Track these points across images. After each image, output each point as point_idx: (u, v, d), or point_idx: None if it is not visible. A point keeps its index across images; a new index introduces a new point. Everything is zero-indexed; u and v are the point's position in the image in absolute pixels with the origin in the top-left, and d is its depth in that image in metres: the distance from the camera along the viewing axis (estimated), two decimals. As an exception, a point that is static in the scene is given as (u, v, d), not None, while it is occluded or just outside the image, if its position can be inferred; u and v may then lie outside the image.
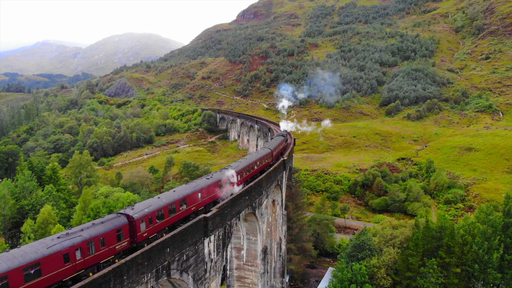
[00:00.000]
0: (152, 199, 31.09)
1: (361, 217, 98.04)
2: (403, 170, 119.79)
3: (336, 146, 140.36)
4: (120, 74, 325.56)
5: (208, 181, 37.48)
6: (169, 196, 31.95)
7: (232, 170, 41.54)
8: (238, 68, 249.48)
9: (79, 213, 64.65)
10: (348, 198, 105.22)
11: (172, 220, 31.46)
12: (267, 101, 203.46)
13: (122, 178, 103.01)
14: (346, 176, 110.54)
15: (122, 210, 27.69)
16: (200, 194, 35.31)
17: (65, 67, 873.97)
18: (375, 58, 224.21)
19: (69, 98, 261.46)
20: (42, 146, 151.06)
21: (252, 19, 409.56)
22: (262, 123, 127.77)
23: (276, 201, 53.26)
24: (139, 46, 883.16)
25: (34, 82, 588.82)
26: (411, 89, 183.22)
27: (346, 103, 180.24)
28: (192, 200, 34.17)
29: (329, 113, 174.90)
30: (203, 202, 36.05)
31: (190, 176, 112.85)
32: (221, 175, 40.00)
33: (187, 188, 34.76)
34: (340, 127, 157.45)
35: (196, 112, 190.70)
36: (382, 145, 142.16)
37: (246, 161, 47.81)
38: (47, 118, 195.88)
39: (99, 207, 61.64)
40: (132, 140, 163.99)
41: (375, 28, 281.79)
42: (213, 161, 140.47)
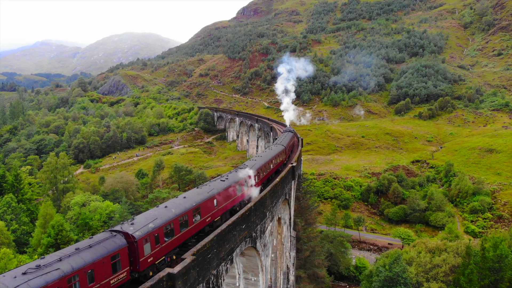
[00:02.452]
0: (158, 210, 23.83)
1: (376, 228, 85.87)
2: (419, 173, 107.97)
3: (344, 147, 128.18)
4: (114, 71, 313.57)
5: (224, 183, 30.65)
6: (179, 205, 24.82)
7: (249, 169, 35.31)
8: (238, 65, 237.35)
9: (38, 231, 52.51)
10: (360, 206, 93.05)
11: (183, 237, 24.51)
12: (268, 99, 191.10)
13: (104, 183, 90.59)
14: (357, 181, 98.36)
15: (118, 226, 20.44)
16: (216, 200, 28.62)
17: (64, 67, 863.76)
18: (381, 54, 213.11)
19: (60, 96, 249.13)
20: (24, 147, 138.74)
21: (252, 16, 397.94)
22: (263, 121, 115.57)
23: (283, 220, 41.24)
24: (139, 46, 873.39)
25: (32, 81, 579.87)
26: (422, 86, 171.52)
27: (353, 101, 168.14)
28: (207, 209, 27.41)
29: (334, 112, 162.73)
30: (220, 211, 29.39)
31: (182, 181, 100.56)
32: (238, 175, 33.49)
33: (200, 193, 27.74)
34: (347, 126, 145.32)
35: (193, 110, 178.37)
36: (393, 146, 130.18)
37: (262, 159, 40.80)
38: (32, 117, 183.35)
39: (61, 223, 49.40)
40: (122, 140, 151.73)
41: (380, 24, 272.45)
42: (209, 163, 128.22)
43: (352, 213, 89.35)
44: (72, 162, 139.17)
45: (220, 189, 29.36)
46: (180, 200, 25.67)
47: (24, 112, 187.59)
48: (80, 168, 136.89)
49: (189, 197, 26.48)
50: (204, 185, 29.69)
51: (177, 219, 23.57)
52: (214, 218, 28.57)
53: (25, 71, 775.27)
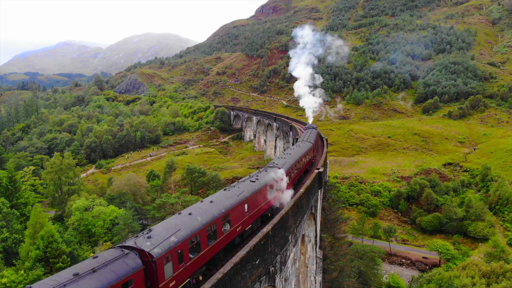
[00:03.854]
0: (180, 218, 19.34)
1: (408, 239, 77.29)
2: (452, 178, 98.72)
3: (369, 148, 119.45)
4: (132, 70, 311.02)
5: (255, 185, 26.38)
6: (205, 212, 20.61)
7: (280, 169, 30.88)
8: (256, 62, 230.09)
9: (27, 242, 46.38)
10: (389, 213, 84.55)
11: (211, 252, 20.21)
12: (287, 98, 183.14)
13: (111, 186, 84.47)
14: (385, 185, 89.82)
15: (130, 241, 16.04)
16: (246, 205, 24.47)
17: (85, 67, 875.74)
18: (406, 51, 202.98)
19: (76, 95, 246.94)
20: (35, 145, 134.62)
21: (271, 14, 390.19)
22: (282, 120, 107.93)
23: (307, 237, 33.81)
24: (158, 46, 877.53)
25: (54, 81, 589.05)
26: (451, 84, 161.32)
27: (377, 99, 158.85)
28: (237, 216, 23.23)
29: (357, 111, 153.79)
30: (251, 218, 25.18)
31: (195, 184, 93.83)
32: (270, 176, 28.98)
33: (229, 196, 23.50)
34: (372, 126, 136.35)
35: (209, 109, 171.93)
36: (423, 147, 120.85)
37: (291, 157, 36.05)
38: (46, 115, 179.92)
39: (51, 234, 43.09)
40: (136, 139, 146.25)
41: (404, 20, 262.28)
42: (224, 164, 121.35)
43: (381, 221, 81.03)
44: (84, 162, 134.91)
45: (251, 191, 25.03)
46: (207, 206, 21.31)
47: (38, 111, 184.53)
48: (91, 168, 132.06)
49: (216, 201, 22.13)
50: (232, 187, 25.26)
51: (204, 229, 19.23)
52: (245, 227, 24.20)
53: (47, 71, 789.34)
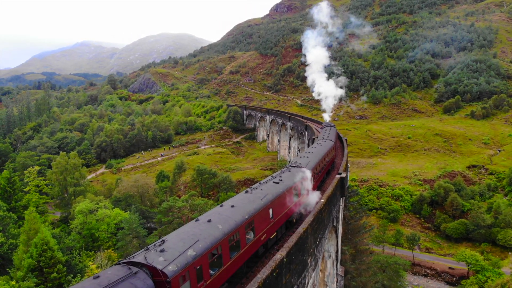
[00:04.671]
0: (198, 225, 16.38)
1: (432, 247, 71.94)
2: (477, 181, 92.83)
3: (388, 149, 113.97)
4: (145, 69, 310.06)
5: (279, 187, 23.47)
6: (226, 218, 17.48)
7: (306, 169, 27.93)
8: (270, 61, 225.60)
9: (21, 250, 42.98)
10: (411, 219, 79.27)
11: (234, 266, 17.05)
12: (302, 97, 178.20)
13: (118, 187, 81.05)
14: (406, 189, 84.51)
15: (139, 255, 13.05)
16: (271, 210, 21.58)
17: (102, 67, 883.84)
18: (426, 49, 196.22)
19: (89, 94, 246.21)
20: (45, 145, 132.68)
21: (286, 13, 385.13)
22: (297, 120, 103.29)
23: (327, 252, 29.36)
24: (173, 46, 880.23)
25: (70, 81, 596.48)
26: (473, 83, 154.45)
27: (396, 98, 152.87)
28: (261, 223, 20.26)
29: (375, 110, 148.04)
30: (276, 224, 22.32)
31: (205, 185, 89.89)
32: (295, 177, 25.91)
33: (252, 200, 20.53)
34: (391, 126, 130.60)
35: (221, 108, 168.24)
36: (445, 148, 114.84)
37: (315, 156, 33.11)
38: (58, 114, 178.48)
39: (46, 241, 39.53)
40: (147, 139, 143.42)
41: (423, 17, 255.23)
42: (236, 165, 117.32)
43: (402, 227, 75.88)
44: (94, 162, 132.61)
45: (275, 194, 22.10)
46: (228, 211, 18.34)
47: (50, 110, 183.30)
48: (101, 168, 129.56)
49: (238, 206, 19.19)
50: (255, 189, 22.35)
51: (226, 240, 16.49)
52: (270, 235, 21.28)
53: (64, 71, 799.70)
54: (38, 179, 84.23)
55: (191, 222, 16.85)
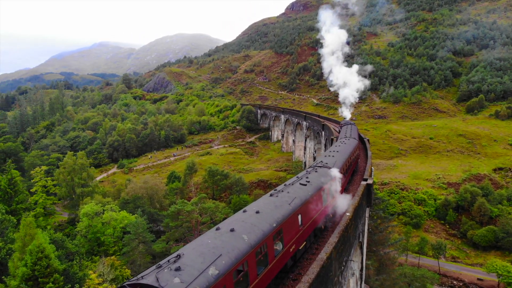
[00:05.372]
0: (219, 236, 13.51)
1: (458, 256, 66.98)
2: (504, 184, 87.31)
3: (409, 150, 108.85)
4: (160, 69, 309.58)
5: (307, 189, 20.43)
6: (252, 227, 14.56)
7: (335, 168, 25.34)
8: (285, 60, 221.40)
9: (16, 257, 40.15)
10: (435, 225, 74.40)
11: (262, 284, 14.35)
12: (318, 96, 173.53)
13: (126, 189, 78.17)
14: (430, 193, 79.58)
15: (149, 275, 10.71)
16: (300, 216, 18.54)
17: (119, 67, 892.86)
18: (447, 47, 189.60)
19: (104, 93, 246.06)
20: (57, 144, 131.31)
21: (302, 11, 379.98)
22: (313, 119, 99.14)
23: (350, 270, 25.40)
24: (189, 47, 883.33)
25: (88, 81, 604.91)
26: (497, 82, 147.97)
27: (417, 97, 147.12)
28: (290, 231, 17.17)
29: (395, 109, 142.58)
30: (305, 233, 19.17)
31: (217, 187, 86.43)
32: (322, 177, 23.03)
33: (279, 205, 17.39)
34: (411, 126, 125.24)
35: (235, 108, 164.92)
36: (469, 150, 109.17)
37: (340, 155, 30.30)
38: (71, 113, 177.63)
39: (42, 248, 36.51)
40: (160, 139, 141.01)
41: (443, 14, 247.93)
42: (250, 165, 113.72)
43: (426, 234, 71.13)
44: (106, 161, 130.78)
45: (303, 198, 19.36)
46: (252, 218, 15.66)
47: (63, 108, 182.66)
48: (113, 168, 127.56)
49: (264, 211, 16.47)
50: (280, 192, 19.44)
51: (253, 253, 14.01)
52: (299, 246, 18.60)
53: (82, 71, 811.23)
54: (45, 179, 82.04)
55: (210, 231, 14.32)
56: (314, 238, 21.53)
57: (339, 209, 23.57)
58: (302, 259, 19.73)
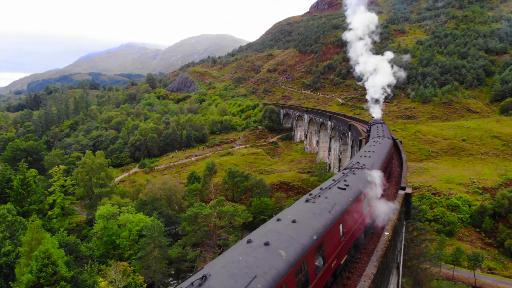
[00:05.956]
0: (252, 251, 11.12)
1: (495, 268, 61.80)
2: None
3: (440, 152, 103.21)
4: (184, 69, 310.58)
5: (347, 194, 17.52)
6: (289, 240, 12.17)
7: (375, 171, 22.61)
8: (309, 58, 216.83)
9: (22, 263, 38.28)
10: (470, 233, 69.27)
11: None
12: (343, 95, 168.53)
13: (144, 189, 76.28)
14: (464, 198, 74.36)
15: None
16: (341, 226, 15.89)
17: (145, 68, 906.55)
18: (479, 44, 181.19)
19: (128, 93, 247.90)
20: (80, 143, 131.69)
21: (327, 9, 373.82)
22: (338, 119, 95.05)
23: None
24: (214, 47, 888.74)
25: (115, 81, 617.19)
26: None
27: (447, 97, 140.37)
28: (332, 244, 14.62)
29: (424, 109, 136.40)
30: (347, 245, 16.37)
31: (237, 189, 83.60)
32: (362, 180, 20.12)
33: (318, 213, 14.65)
34: (442, 127, 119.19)
35: (257, 107, 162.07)
36: (504, 152, 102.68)
37: (377, 155, 27.72)
38: (95, 112, 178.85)
39: (48, 254, 34.46)
40: (182, 138, 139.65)
41: (474, 11, 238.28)
42: (272, 167, 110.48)
43: (459, 242, 66.20)
44: (128, 161, 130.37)
45: (344, 205, 16.74)
46: (289, 229, 13.05)
47: (88, 108, 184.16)
48: (134, 167, 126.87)
49: (302, 220, 13.89)
50: (317, 197, 16.67)
51: (293, 273, 11.47)
52: (340, 260, 16.20)
53: (110, 72, 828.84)
54: (64, 179, 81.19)
55: (241, 244, 11.96)
56: (354, 249, 18.75)
57: (379, 218, 20.64)
58: (342, 275, 17.15)
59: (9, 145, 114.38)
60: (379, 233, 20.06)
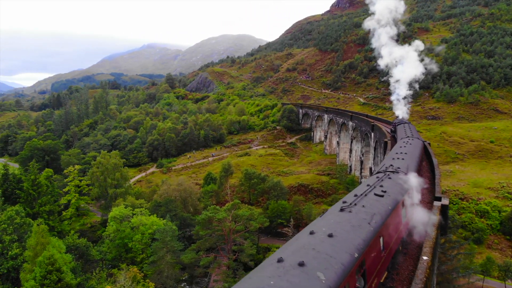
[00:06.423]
0: (284, 273, 8.81)
1: (530, 279, 57.58)
2: None
3: (467, 154, 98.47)
4: (203, 69, 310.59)
5: (385, 202, 15.22)
6: (327, 260, 9.76)
7: (412, 175, 20.31)
8: (329, 57, 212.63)
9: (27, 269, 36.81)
10: (500, 241, 65.11)
11: None
12: (364, 94, 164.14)
13: (159, 191, 74.65)
14: (494, 204, 70.08)
15: None
16: (382, 239, 13.77)
17: (166, 69, 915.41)
18: (506, 43, 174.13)
19: (148, 93, 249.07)
20: (99, 142, 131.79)
21: (348, 8, 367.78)
22: (360, 119, 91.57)
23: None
24: (233, 47, 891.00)
25: (136, 81, 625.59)
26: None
27: (474, 96, 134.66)
28: (373, 260, 12.40)
29: (450, 110, 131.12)
30: (387, 260, 14.31)
31: (254, 191, 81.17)
32: (399, 186, 17.74)
33: (357, 224, 12.42)
34: (469, 128, 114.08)
35: (276, 107, 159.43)
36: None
37: (410, 158, 25.66)
38: (114, 111, 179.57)
39: (53, 260, 32.83)
40: (199, 138, 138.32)
41: (500, 9, 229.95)
42: (290, 168, 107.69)
43: (489, 251, 62.19)
44: (145, 161, 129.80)
45: (383, 215, 14.45)
46: (325, 244, 10.81)
47: (107, 107, 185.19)
48: (152, 167, 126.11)
49: (339, 234, 11.57)
50: (353, 205, 14.31)
51: None
52: (381, 278, 14.05)
53: (131, 72, 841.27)
54: (79, 179, 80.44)
55: (270, 263, 9.77)
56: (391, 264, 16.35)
57: (417, 229, 18.24)
58: None
59: (27, 144, 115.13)
60: (415, 248, 17.54)
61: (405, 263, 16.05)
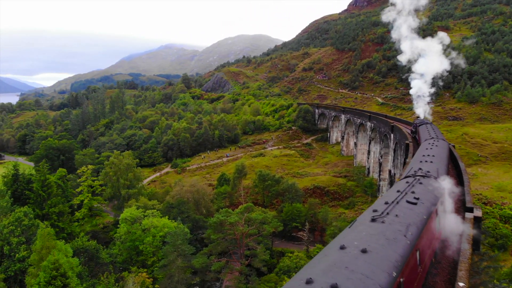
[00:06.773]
0: None
1: (559, 290, 54.32)
2: None
3: (489, 157, 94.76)
4: (219, 69, 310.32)
5: (419, 211, 13.35)
6: (363, 280, 7.96)
7: (445, 178, 18.89)
8: (347, 56, 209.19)
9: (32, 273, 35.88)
10: (527, 249, 61.78)
11: None
12: (383, 94, 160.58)
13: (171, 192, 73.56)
14: (520, 209, 66.75)
15: None
16: (418, 253, 11.90)
17: (183, 69, 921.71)
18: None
19: (164, 93, 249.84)
20: (114, 142, 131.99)
21: (366, 7, 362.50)
22: (379, 119, 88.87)
23: None
24: (250, 48, 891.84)
25: (154, 81, 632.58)
26: None
27: (497, 97, 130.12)
28: (410, 278, 10.58)
29: (471, 110, 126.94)
30: (422, 277, 12.64)
31: (268, 193, 79.32)
32: (431, 192, 15.96)
33: (392, 238, 10.56)
34: (491, 129, 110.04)
35: (291, 107, 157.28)
36: None
37: (439, 161, 24.08)
38: (130, 111, 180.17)
39: (58, 265, 31.77)
40: (214, 138, 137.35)
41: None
42: (305, 169, 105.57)
43: None
44: (160, 161, 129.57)
45: (419, 225, 12.72)
46: (359, 262, 9.13)
47: (123, 107, 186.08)
48: (167, 167, 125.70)
49: (373, 249, 9.96)
50: (385, 215, 12.37)
51: None
52: None
53: (149, 72, 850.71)
54: (92, 179, 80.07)
55: (297, 284, 8.33)
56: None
57: (449, 240, 16.63)
58: None
59: (42, 143, 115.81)
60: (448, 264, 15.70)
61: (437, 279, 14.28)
